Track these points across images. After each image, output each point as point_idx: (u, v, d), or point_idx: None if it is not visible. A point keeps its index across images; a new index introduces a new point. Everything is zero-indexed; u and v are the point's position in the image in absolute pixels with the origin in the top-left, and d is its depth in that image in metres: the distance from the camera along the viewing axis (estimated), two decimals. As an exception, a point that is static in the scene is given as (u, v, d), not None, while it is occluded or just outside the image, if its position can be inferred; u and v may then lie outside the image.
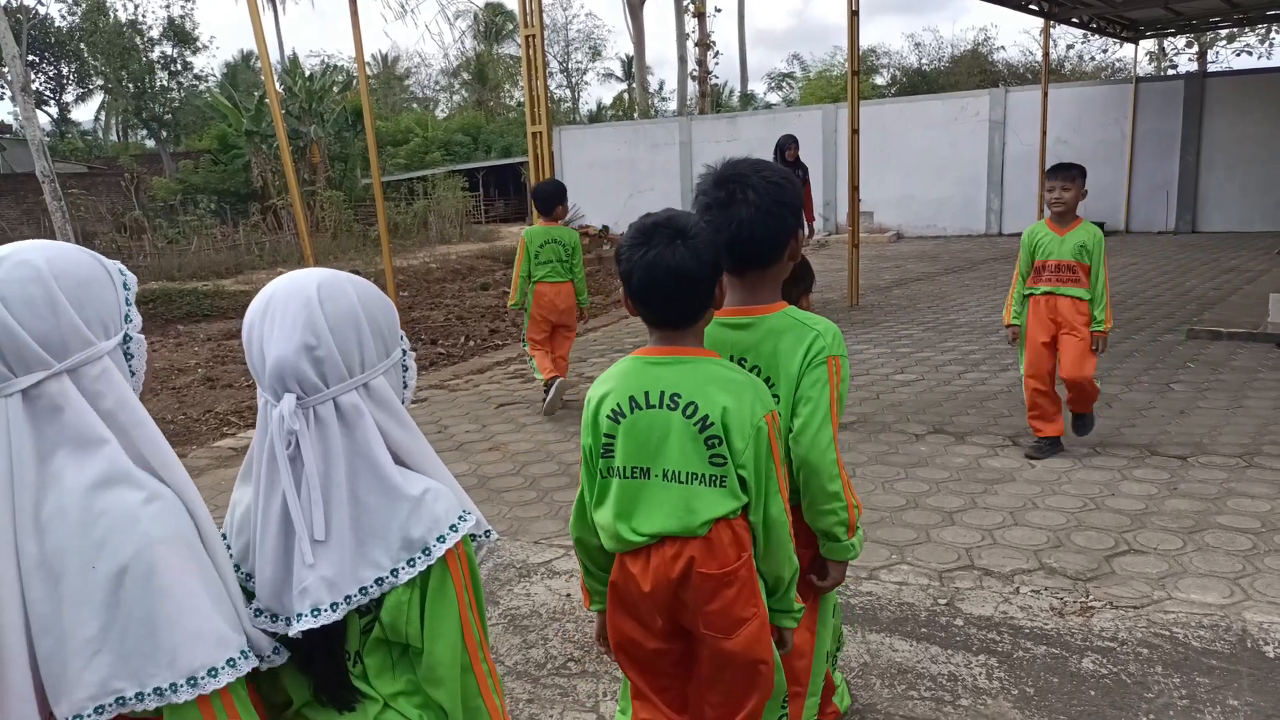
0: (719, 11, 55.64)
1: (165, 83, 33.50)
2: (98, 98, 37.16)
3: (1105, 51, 28.81)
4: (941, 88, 26.06)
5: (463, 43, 47.20)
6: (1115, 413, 5.61)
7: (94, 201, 22.01)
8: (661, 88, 43.74)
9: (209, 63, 79.25)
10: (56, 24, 32.19)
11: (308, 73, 26.57)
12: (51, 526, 1.09)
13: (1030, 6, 14.06)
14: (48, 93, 34.20)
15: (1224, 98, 16.40)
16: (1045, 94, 15.59)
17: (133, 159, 28.97)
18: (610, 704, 2.79)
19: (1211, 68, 25.50)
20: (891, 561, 3.70)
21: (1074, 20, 15.79)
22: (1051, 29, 16.58)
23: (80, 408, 1.13)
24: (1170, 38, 24.83)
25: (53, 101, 35.33)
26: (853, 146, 10.01)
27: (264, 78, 8.23)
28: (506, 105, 40.85)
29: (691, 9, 29.39)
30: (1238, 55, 29.83)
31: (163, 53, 33.42)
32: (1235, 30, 24.69)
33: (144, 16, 38.96)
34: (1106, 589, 3.38)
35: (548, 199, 6.17)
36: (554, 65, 41.63)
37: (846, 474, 2.01)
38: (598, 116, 38.25)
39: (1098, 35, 19.01)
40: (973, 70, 28.71)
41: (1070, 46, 29.18)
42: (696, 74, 29.14)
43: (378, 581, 1.27)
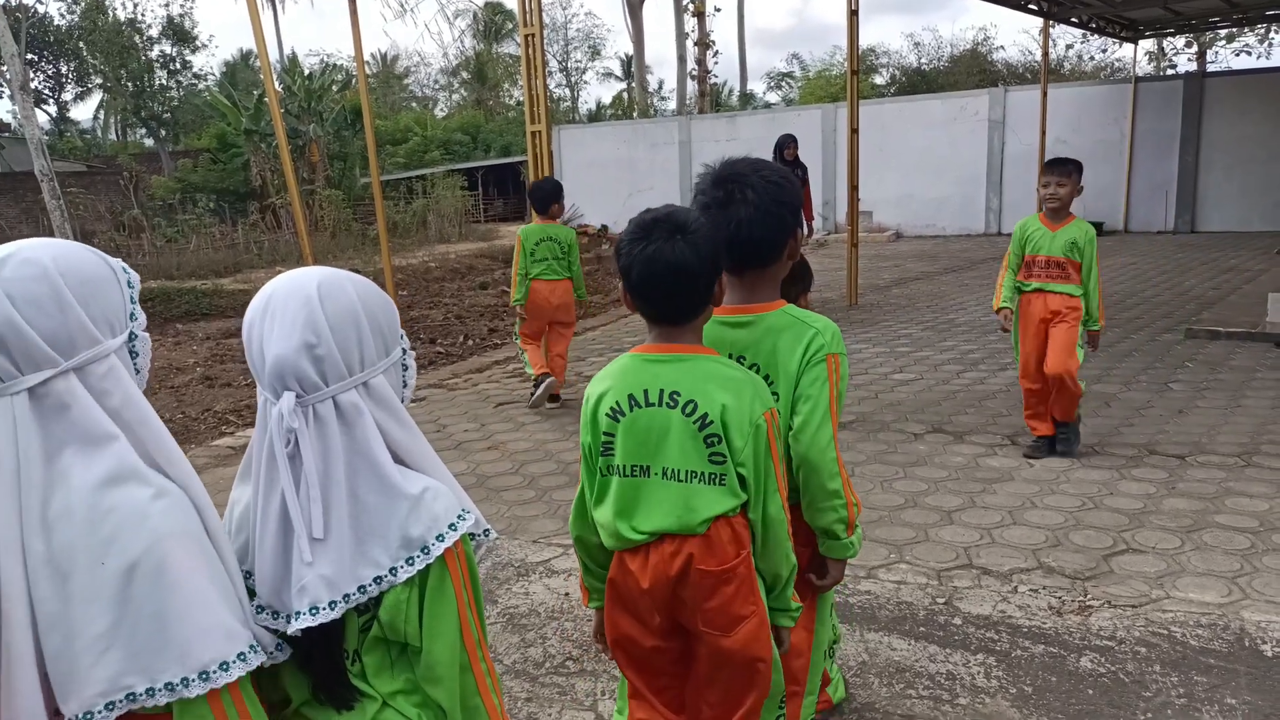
0: (718, 11, 55.73)
1: (164, 81, 33.52)
2: (96, 96, 37.21)
3: (1104, 51, 28.88)
4: (941, 87, 26.08)
5: (462, 42, 47.18)
6: (1114, 412, 5.62)
7: (93, 200, 22.01)
8: (661, 87, 43.82)
9: (208, 61, 79.47)
10: (55, 22, 32.25)
11: (307, 72, 26.58)
12: (59, 524, 1.09)
13: (1029, 6, 14.06)
14: (47, 91, 34.21)
15: (1223, 98, 16.41)
16: (1044, 93, 15.61)
17: (131, 158, 28.96)
18: (608, 703, 2.79)
19: (1211, 68, 25.53)
20: (890, 560, 3.70)
21: (1073, 20, 15.79)
22: (1051, 29, 16.59)
23: (87, 405, 1.13)
24: (1169, 38, 24.86)
25: (51, 100, 35.34)
26: (852, 146, 10.01)
27: (263, 76, 8.23)
28: (506, 104, 40.87)
29: (691, 8, 29.39)
30: (1237, 55, 29.90)
31: (162, 51, 33.47)
32: (1234, 30, 24.73)
33: (143, 15, 39.07)
34: (1105, 588, 3.38)
35: (544, 197, 6.22)
36: (553, 64, 41.65)
37: (846, 472, 2.01)
38: (597, 116, 38.26)
39: (1097, 35, 19.02)
40: (972, 70, 28.74)
41: (1070, 46, 29.27)
42: (696, 73, 29.15)
43: (376, 580, 1.27)
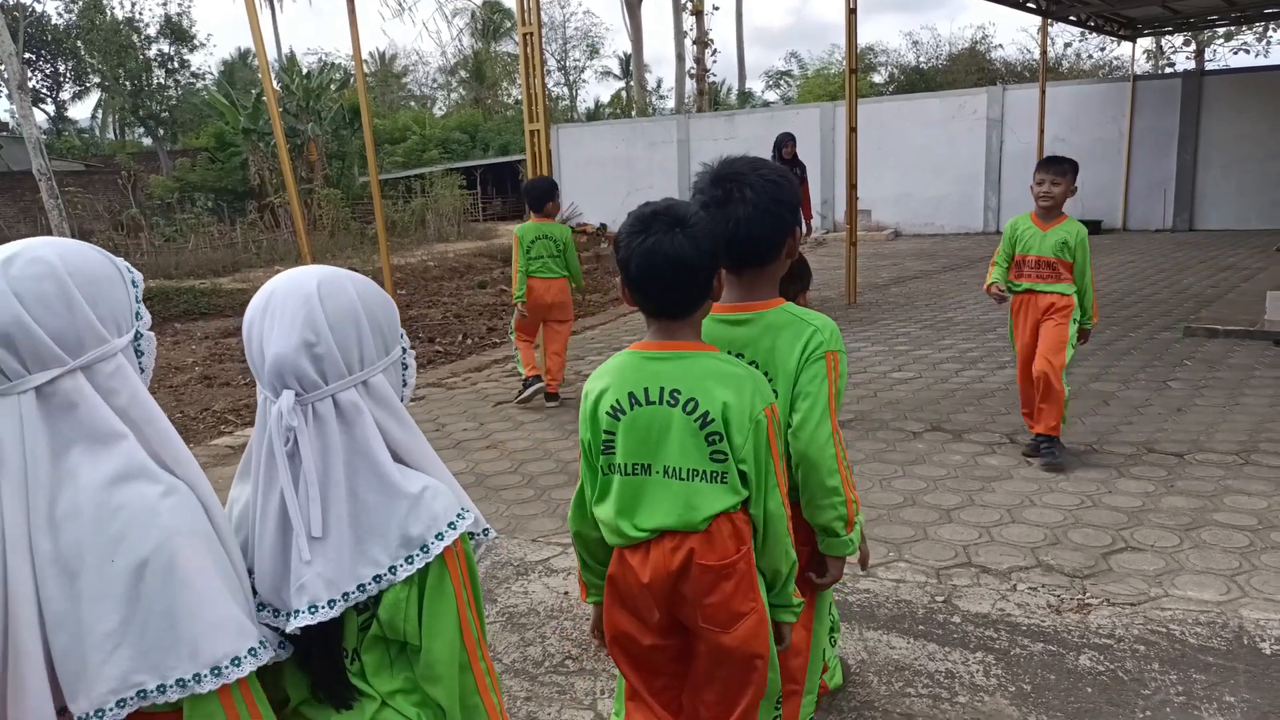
0: (717, 9, 55.61)
1: (162, 80, 33.50)
2: (94, 95, 37.17)
3: (1103, 50, 28.86)
4: (939, 86, 26.06)
5: (460, 40, 47.23)
6: (1112, 410, 5.62)
7: (91, 199, 21.98)
8: (659, 86, 43.84)
9: (206, 60, 79.22)
10: (53, 21, 32.21)
11: (305, 70, 26.58)
12: (66, 523, 1.09)
13: (1028, 4, 14.06)
14: (44, 90, 34.16)
15: (1221, 96, 16.41)
16: (1043, 92, 15.62)
17: (130, 157, 28.91)
18: (608, 701, 2.79)
19: (1209, 66, 25.54)
20: (889, 559, 3.71)
21: (1072, 18, 15.80)
22: (1049, 27, 16.60)
23: (95, 404, 1.13)
24: (1168, 36, 24.87)
25: (49, 99, 35.28)
26: (850, 144, 10.01)
27: (261, 75, 8.22)
28: (504, 103, 40.87)
29: (689, 7, 29.38)
30: (1235, 53, 29.82)
31: (160, 50, 33.44)
32: (1233, 28, 24.73)
33: (141, 14, 39.01)
34: (1103, 586, 3.39)
35: (539, 196, 6.24)
36: (552, 63, 41.63)
37: (846, 469, 2.01)
38: (595, 114, 38.26)
39: (1095, 33, 19.01)
40: (970, 68, 28.73)
41: (1068, 45, 29.25)
42: (694, 72, 29.13)
43: (376, 579, 1.27)
